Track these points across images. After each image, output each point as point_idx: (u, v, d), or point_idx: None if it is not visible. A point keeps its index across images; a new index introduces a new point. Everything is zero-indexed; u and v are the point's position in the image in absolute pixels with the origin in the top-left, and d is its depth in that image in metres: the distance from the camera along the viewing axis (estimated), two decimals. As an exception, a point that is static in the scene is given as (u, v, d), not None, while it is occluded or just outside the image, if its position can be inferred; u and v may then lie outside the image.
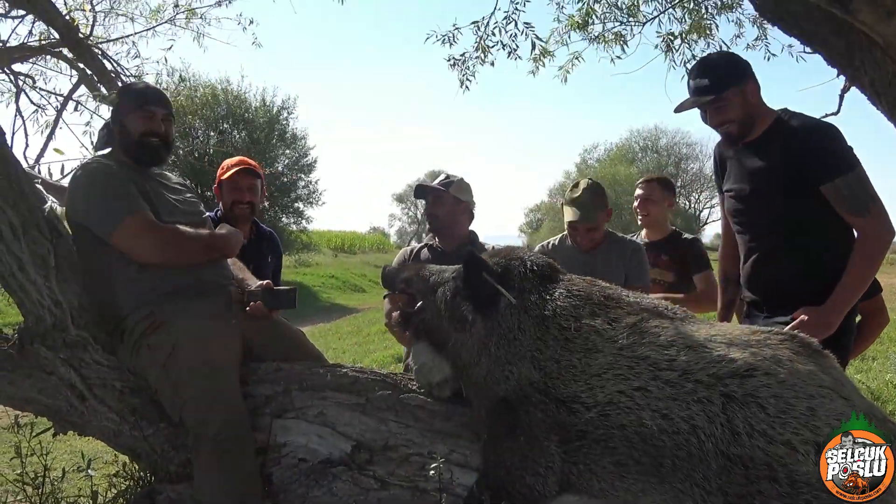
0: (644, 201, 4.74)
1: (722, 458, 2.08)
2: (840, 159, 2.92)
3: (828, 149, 2.95)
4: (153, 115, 3.18)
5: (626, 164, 46.41)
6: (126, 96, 3.29)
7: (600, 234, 4.19)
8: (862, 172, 2.93)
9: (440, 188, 4.10)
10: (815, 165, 2.92)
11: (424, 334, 2.80)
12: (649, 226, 4.83)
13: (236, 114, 23.47)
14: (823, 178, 2.90)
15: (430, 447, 2.68)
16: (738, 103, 3.05)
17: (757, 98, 3.09)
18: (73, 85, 7.05)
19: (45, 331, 3.00)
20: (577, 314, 2.45)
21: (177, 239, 3.01)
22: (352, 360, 8.07)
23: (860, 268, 2.92)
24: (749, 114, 3.07)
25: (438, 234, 4.23)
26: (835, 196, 2.90)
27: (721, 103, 3.06)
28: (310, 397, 2.92)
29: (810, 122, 3.08)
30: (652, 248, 4.62)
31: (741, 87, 3.04)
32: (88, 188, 3.03)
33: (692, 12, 6.51)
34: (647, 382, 2.23)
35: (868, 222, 2.90)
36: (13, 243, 2.99)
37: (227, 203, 4.07)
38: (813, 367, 2.23)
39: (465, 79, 6.69)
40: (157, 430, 2.96)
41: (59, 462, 3.95)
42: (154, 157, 3.23)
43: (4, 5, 6.34)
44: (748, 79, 3.08)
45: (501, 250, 2.83)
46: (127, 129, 3.17)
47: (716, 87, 3.05)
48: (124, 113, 3.19)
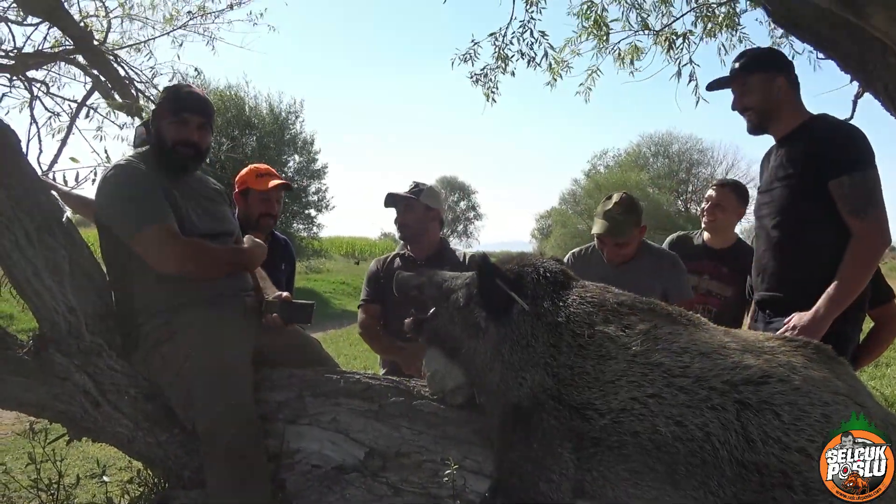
0: (713, 207, 4.41)
1: (736, 465, 2.07)
2: (850, 158, 2.91)
3: (842, 146, 2.95)
4: (187, 123, 3.11)
5: (637, 170, 46.30)
6: (165, 100, 3.19)
7: (631, 249, 3.98)
8: (872, 176, 2.92)
9: (410, 196, 4.09)
10: (827, 160, 2.92)
11: (437, 341, 2.80)
12: (714, 231, 4.48)
13: (245, 119, 23.49)
14: (832, 173, 2.90)
15: (443, 454, 2.68)
16: (761, 91, 3.08)
17: (786, 93, 3.10)
18: (87, 91, 7.09)
19: (59, 337, 3.01)
20: (591, 321, 2.44)
21: (197, 254, 2.98)
22: (363, 367, 8.07)
23: (850, 271, 2.89)
24: (771, 105, 3.10)
25: (410, 242, 4.22)
26: (838, 193, 2.89)
27: (745, 87, 3.11)
28: (323, 403, 2.93)
29: (835, 121, 3.10)
30: (713, 255, 4.42)
31: (769, 75, 3.06)
32: (115, 188, 3.00)
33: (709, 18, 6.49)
34: (661, 389, 2.22)
35: (863, 226, 2.88)
36: (28, 249, 3.01)
37: (254, 213, 4.10)
38: (827, 374, 2.22)
39: (489, 92, 6.71)
40: (171, 437, 2.97)
41: (73, 468, 3.97)
42: (182, 168, 3.16)
43: (20, 12, 6.38)
44: (779, 71, 3.10)
45: (514, 256, 2.82)
46: (161, 135, 3.11)
47: (743, 69, 3.16)
48: (161, 117, 3.13)
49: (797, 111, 3.13)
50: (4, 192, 3.00)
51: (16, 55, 6.54)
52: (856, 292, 2.91)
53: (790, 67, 3.17)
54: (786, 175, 3.06)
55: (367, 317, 4.18)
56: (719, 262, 4.39)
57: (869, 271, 2.93)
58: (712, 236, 4.49)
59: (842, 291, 2.88)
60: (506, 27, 6.47)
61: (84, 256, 3.19)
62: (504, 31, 6.48)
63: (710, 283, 4.37)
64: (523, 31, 6.43)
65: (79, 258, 3.14)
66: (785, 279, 3.08)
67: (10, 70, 6.57)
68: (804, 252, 2.98)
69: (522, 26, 6.43)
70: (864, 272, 2.92)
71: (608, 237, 3.91)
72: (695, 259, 4.42)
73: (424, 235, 4.18)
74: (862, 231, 2.87)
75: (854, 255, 2.88)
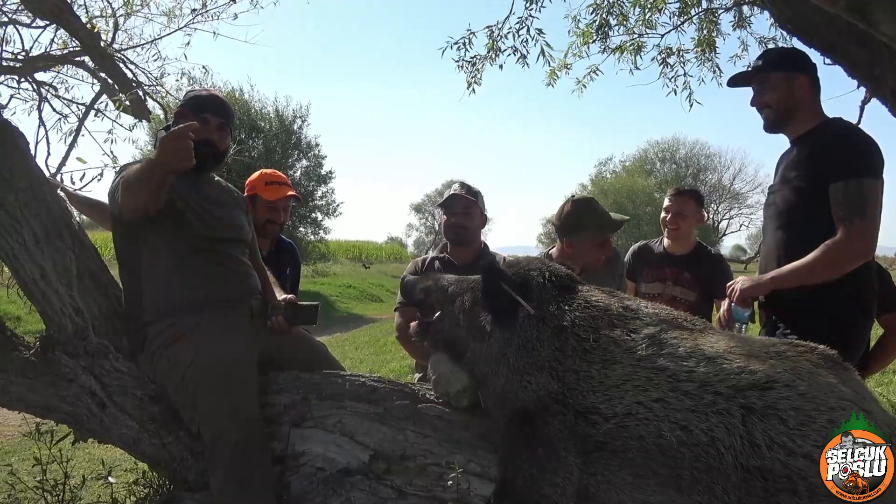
0: (675, 215, 4.51)
1: (741, 470, 2.07)
2: (850, 163, 2.88)
3: (845, 150, 2.92)
4: (208, 123, 3.12)
5: (643, 175, 46.29)
6: (186, 101, 3.23)
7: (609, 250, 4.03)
8: (868, 185, 2.86)
9: (472, 199, 4.06)
10: (828, 164, 2.91)
11: (443, 344, 2.80)
12: (676, 239, 4.60)
13: (251, 122, 23.51)
14: (830, 177, 2.88)
15: (448, 457, 2.68)
16: (780, 89, 3.08)
17: (805, 93, 3.08)
18: (95, 93, 7.13)
19: (66, 339, 3.03)
20: (596, 325, 2.44)
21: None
22: (369, 370, 8.09)
23: (812, 263, 2.87)
24: (789, 104, 3.08)
25: (460, 244, 4.14)
26: (833, 198, 2.87)
27: (764, 84, 3.13)
28: (328, 406, 2.93)
29: (846, 126, 3.08)
30: (675, 261, 4.50)
31: (789, 74, 3.07)
32: (120, 179, 2.96)
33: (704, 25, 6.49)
34: (666, 394, 2.22)
35: (846, 232, 2.83)
36: (36, 252, 3.03)
37: (259, 219, 4.08)
38: (833, 380, 2.21)
39: (472, 81, 6.69)
40: (177, 439, 2.98)
41: (78, 470, 3.98)
42: (202, 165, 3.07)
43: (28, 15, 6.41)
44: (800, 71, 3.10)
45: (520, 260, 2.82)
46: None
47: (764, 67, 3.15)
48: (182, 117, 3.11)
49: (814, 113, 3.11)
50: (13, 195, 3.02)
51: (24, 57, 6.58)
52: (805, 281, 2.89)
53: (814, 69, 3.15)
54: (794, 176, 3.05)
55: (403, 320, 4.12)
56: (681, 267, 4.50)
57: (829, 271, 2.88)
58: (673, 243, 4.62)
59: (793, 273, 2.91)
60: (503, 21, 6.45)
61: (91, 258, 3.21)
62: (501, 24, 6.47)
63: (675, 288, 4.46)
64: (520, 27, 6.42)
65: (86, 260, 3.16)
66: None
67: (18, 72, 6.61)
68: (804, 254, 2.96)
69: (520, 22, 6.41)
70: (827, 269, 2.88)
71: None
72: (658, 266, 4.58)
73: (475, 240, 4.16)
74: (842, 235, 2.84)
75: (826, 251, 2.85)
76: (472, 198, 4.06)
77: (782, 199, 3.09)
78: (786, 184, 3.08)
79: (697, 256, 4.56)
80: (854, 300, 2.99)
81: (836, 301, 2.91)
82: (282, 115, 24.68)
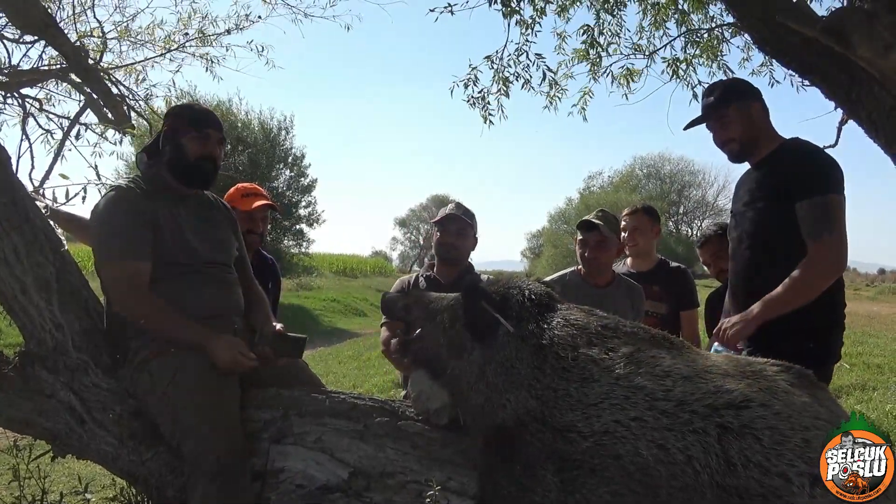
0: (633, 231, 4.70)
1: (717, 489, 2.08)
2: (814, 182, 2.95)
3: (807, 169, 2.99)
4: (210, 138, 3.14)
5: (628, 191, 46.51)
6: (183, 117, 3.18)
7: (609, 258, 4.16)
8: (833, 201, 2.94)
9: (468, 222, 4.10)
10: (792, 183, 2.96)
11: (423, 361, 2.81)
12: (637, 255, 4.80)
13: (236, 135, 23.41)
14: (795, 196, 2.94)
15: (427, 474, 2.68)
16: (740, 121, 3.14)
17: (762, 119, 3.15)
18: (79, 109, 7.12)
19: (46, 354, 3.02)
20: (575, 343, 2.45)
21: (145, 312, 2.92)
22: (351, 385, 8.06)
23: (791, 288, 2.93)
24: (752, 133, 3.15)
25: (449, 263, 4.16)
26: (800, 216, 2.93)
27: (724, 119, 3.16)
28: (308, 423, 2.93)
29: (807, 146, 3.14)
30: (640, 278, 4.56)
31: (745, 104, 3.11)
32: (101, 213, 2.99)
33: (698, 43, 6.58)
34: (644, 412, 2.23)
35: (817, 249, 2.90)
36: (16, 266, 3.02)
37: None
38: (808, 399, 2.23)
39: (487, 115, 6.76)
40: (156, 455, 2.96)
41: (56, 485, 3.95)
42: (205, 180, 3.18)
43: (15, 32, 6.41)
44: (753, 99, 3.16)
45: (500, 279, 2.84)
46: (184, 151, 3.09)
47: (719, 103, 3.18)
48: (181, 134, 3.11)
49: (772, 136, 3.19)
50: (-7, 209, 3.01)
51: (9, 71, 6.57)
52: (791, 306, 2.94)
53: (760, 93, 3.23)
54: (759, 197, 3.10)
55: (389, 335, 4.14)
56: (649, 282, 4.58)
57: (811, 291, 2.95)
58: (635, 260, 4.81)
59: (778, 300, 2.95)
60: (502, 50, 6.53)
61: (72, 273, 3.20)
62: (500, 53, 6.54)
63: (646, 303, 4.49)
64: (519, 53, 6.49)
65: (67, 275, 3.15)
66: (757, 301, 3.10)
67: (4, 87, 6.59)
68: (775, 274, 3.00)
69: (518, 49, 6.48)
70: (807, 291, 2.94)
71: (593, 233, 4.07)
72: None
73: (465, 260, 4.20)
74: (814, 253, 2.91)
75: (801, 273, 2.92)
76: (468, 220, 4.10)
77: (749, 221, 3.14)
78: (750, 206, 3.13)
79: (661, 271, 4.73)
80: (830, 311, 3.05)
81: (814, 314, 2.97)
82: (266, 126, 24.60)
